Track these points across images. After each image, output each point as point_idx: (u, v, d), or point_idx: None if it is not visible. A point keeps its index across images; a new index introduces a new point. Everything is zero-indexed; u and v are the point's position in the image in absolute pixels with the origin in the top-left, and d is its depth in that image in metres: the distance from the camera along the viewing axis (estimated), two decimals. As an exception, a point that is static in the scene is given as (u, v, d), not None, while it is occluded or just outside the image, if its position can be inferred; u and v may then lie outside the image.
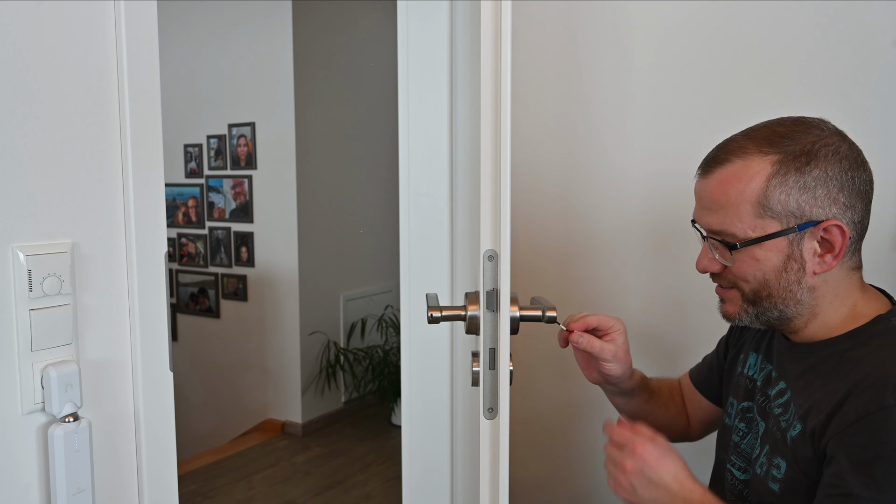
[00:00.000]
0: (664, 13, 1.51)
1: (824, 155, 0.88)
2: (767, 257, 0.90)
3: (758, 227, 0.89)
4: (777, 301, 0.91)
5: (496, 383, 0.81)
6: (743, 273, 0.92)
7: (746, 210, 0.89)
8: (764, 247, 0.89)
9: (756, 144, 0.90)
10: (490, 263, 0.80)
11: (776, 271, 0.90)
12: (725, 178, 0.91)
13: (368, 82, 4.18)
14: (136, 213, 0.86)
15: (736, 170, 0.90)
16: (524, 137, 1.67)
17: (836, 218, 0.87)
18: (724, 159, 0.92)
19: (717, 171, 0.92)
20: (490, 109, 0.78)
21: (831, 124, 0.93)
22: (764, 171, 0.88)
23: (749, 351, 1.09)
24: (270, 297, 4.03)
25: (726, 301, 0.97)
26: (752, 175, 0.88)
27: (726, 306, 0.97)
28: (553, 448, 1.75)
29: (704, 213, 0.94)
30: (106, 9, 0.83)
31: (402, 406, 1.47)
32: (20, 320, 0.78)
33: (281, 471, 3.53)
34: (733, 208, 0.90)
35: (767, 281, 0.90)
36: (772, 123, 0.93)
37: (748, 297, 0.93)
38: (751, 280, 0.92)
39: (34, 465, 0.80)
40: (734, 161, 0.90)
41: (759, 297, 0.92)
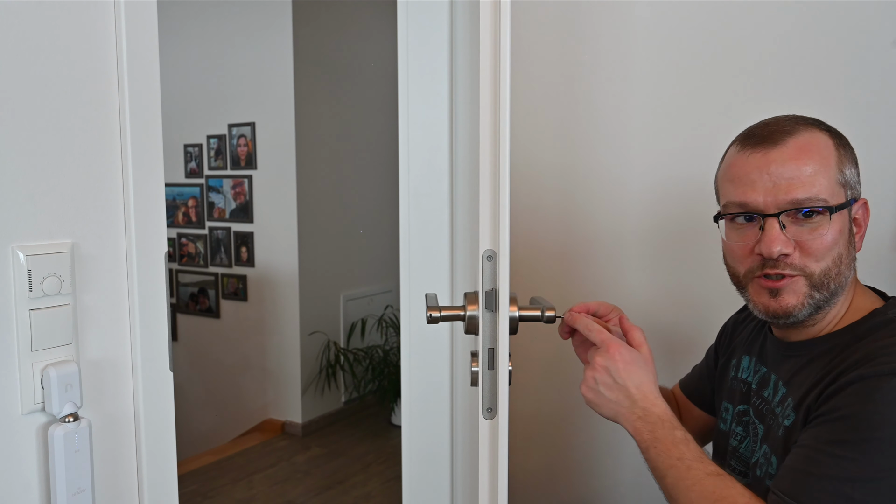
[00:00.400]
0: (664, 14, 1.51)
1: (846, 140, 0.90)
2: (842, 230, 0.87)
3: (836, 195, 0.86)
4: (841, 281, 0.88)
5: (495, 383, 0.81)
6: (823, 247, 0.86)
7: (832, 177, 0.86)
8: (844, 217, 0.87)
9: (801, 122, 0.89)
10: (489, 263, 0.80)
11: (846, 245, 0.88)
12: (804, 145, 0.86)
13: (368, 82, 4.18)
14: (136, 213, 0.86)
15: (810, 139, 0.87)
16: (524, 137, 1.67)
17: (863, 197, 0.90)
18: (791, 130, 0.87)
19: (791, 141, 0.86)
20: (489, 109, 0.78)
21: None
22: (830, 141, 0.87)
23: (741, 355, 1.08)
24: (270, 297, 4.03)
25: (786, 292, 0.88)
26: (826, 144, 0.87)
27: (787, 298, 0.88)
28: (552, 448, 1.75)
29: (781, 187, 0.86)
30: (106, 9, 0.83)
31: (402, 406, 1.46)
32: (20, 320, 0.78)
33: (281, 471, 3.53)
34: (822, 174, 0.85)
35: (840, 256, 0.87)
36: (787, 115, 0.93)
37: (816, 280, 0.87)
38: (826, 257, 0.86)
39: (34, 465, 0.80)
40: (802, 132, 0.87)
41: (828, 278, 0.87)
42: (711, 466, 0.85)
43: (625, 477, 1.62)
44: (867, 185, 1.33)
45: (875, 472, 0.75)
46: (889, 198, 1.32)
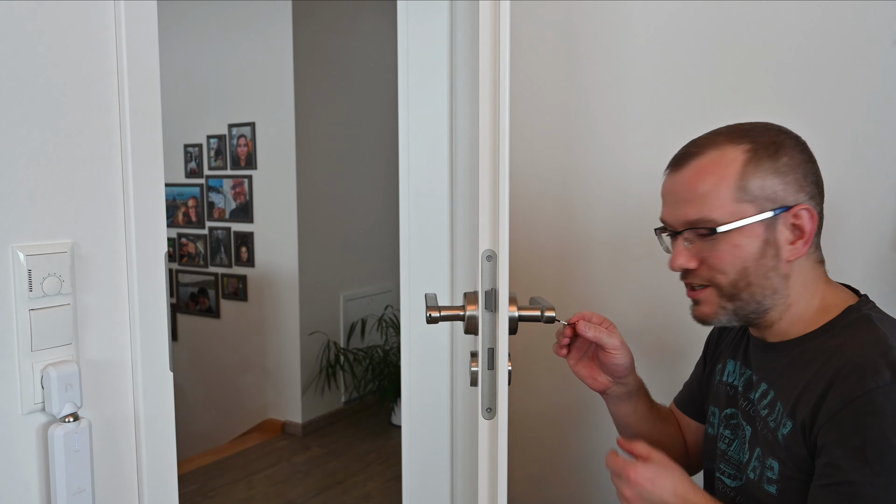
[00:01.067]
0: (663, 14, 1.51)
1: (789, 145, 0.92)
2: (746, 244, 0.90)
3: (737, 213, 0.90)
4: (755, 291, 0.91)
5: (495, 383, 0.81)
6: (722, 262, 0.91)
7: (726, 195, 0.90)
8: (743, 232, 0.90)
9: (726, 137, 0.93)
10: (488, 263, 0.80)
11: (755, 258, 0.91)
12: (702, 167, 0.92)
13: (368, 82, 4.18)
14: (136, 213, 0.86)
15: (712, 158, 0.92)
16: (523, 138, 1.67)
17: (805, 203, 0.91)
18: (696, 152, 0.94)
19: (691, 163, 0.93)
20: (489, 110, 0.78)
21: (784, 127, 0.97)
22: (739, 157, 0.91)
23: (726, 359, 1.09)
24: (270, 297, 4.03)
25: (702, 302, 0.96)
26: (729, 161, 0.91)
27: (702, 308, 0.96)
28: (552, 448, 1.75)
29: (679, 207, 0.94)
30: (106, 9, 0.84)
31: (402, 406, 1.46)
32: (20, 320, 0.78)
33: (281, 471, 3.53)
34: (713, 195, 0.91)
35: (747, 269, 0.91)
36: (732, 124, 0.96)
37: (726, 291, 0.92)
38: (729, 270, 0.91)
39: (34, 465, 0.80)
40: (708, 152, 0.93)
41: (738, 290, 0.92)
42: None
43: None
44: (867, 184, 1.34)
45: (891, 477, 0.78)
46: (889, 198, 1.32)
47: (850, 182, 1.35)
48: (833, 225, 1.38)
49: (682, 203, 0.94)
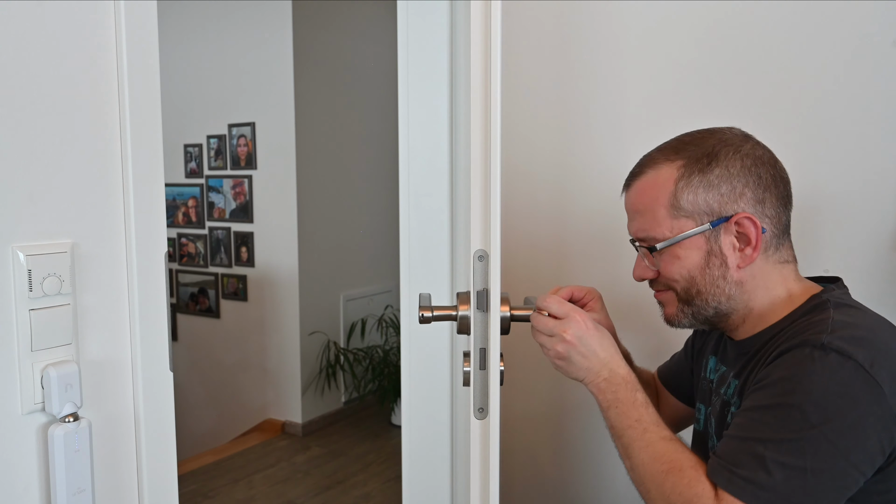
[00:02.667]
0: (660, 12, 1.51)
1: (724, 154, 0.94)
2: (688, 255, 0.95)
3: (675, 228, 0.95)
4: (708, 298, 0.96)
5: (486, 383, 0.81)
6: (670, 273, 0.97)
7: (662, 213, 0.95)
8: (683, 246, 0.95)
9: (664, 154, 0.98)
10: (480, 263, 0.80)
11: (699, 268, 0.95)
12: (641, 187, 0.99)
13: (368, 82, 4.18)
14: (136, 213, 0.86)
15: (648, 179, 0.98)
16: (520, 137, 1.67)
17: (745, 211, 0.92)
18: (638, 172, 1.00)
19: (634, 184, 1.00)
20: (479, 108, 0.78)
21: (738, 129, 0.99)
22: (672, 176, 0.95)
23: (709, 355, 1.12)
24: (270, 297, 4.03)
25: (665, 304, 1.01)
26: (663, 181, 0.96)
27: (666, 309, 1.01)
28: (545, 448, 1.75)
29: (631, 223, 1.01)
30: (106, 9, 0.83)
31: (402, 406, 1.46)
32: (20, 320, 0.78)
33: (281, 471, 3.53)
34: (650, 214, 0.96)
35: (693, 278, 0.95)
36: (681, 135, 1.01)
37: (682, 296, 0.97)
38: (679, 279, 0.96)
39: (34, 465, 0.80)
40: (647, 172, 0.98)
41: (691, 296, 0.96)
42: (666, 431, 0.91)
43: (619, 476, 1.61)
44: (867, 184, 1.34)
45: (786, 433, 0.81)
46: (889, 198, 1.32)
47: (850, 182, 1.36)
48: (833, 225, 1.38)
49: (631, 220, 1.01)
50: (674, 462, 0.87)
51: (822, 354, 0.82)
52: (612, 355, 0.96)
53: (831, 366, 0.82)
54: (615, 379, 0.95)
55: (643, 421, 0.92)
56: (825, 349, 0.82)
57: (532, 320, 0.99)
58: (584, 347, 0.95)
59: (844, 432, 0.80)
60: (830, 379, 0.81)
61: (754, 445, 0.82)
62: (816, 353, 0.83)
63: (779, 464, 0.80)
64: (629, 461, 0.92)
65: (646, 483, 0.88)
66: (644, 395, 0.95)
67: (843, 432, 0.80)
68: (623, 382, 0.95)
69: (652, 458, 0.88)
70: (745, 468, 0.81)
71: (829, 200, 1.38)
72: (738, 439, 0.85)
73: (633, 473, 0.91)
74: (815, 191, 1.39)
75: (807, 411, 0.81)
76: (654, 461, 0.88)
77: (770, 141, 1.48)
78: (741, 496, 0.80)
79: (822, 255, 1.37)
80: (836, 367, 0.81)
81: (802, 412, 0.81)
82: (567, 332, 0.95)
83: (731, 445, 0.85)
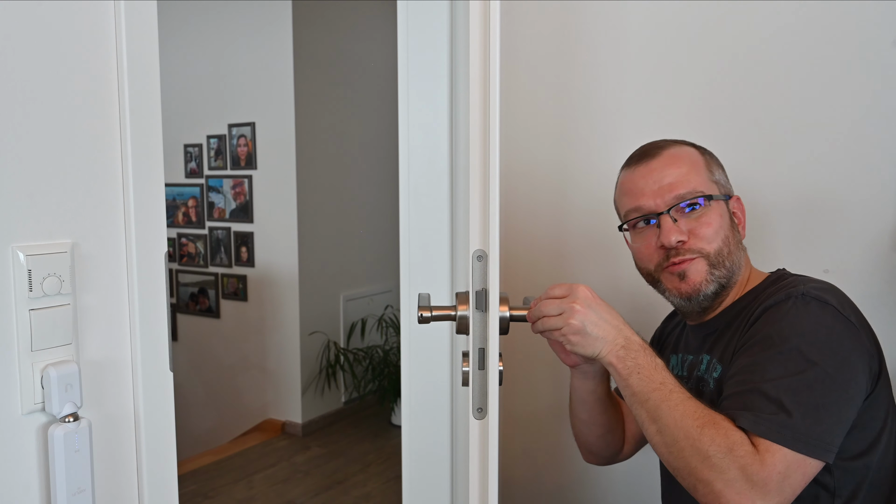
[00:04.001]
0: (660, 12, 1.51)
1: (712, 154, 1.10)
2: (722, 216, 1.04)
3: (711, 188, 1.04)
4: (734, 260, 1.04)
5: (485, 383, 0.81)
6: (710, 230, 1.02)
7: (703, 175, 1.04)
8: (719, 207, 1.04)
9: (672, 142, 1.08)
10: (479, 263, 0.80)
11: (729, 229, 1.04)
12: (674, 155, 1.06)
13: (368, 82, 4.18)
14: (136, 213, 0.86)
15: (679, 150, 1.06)
16: (520, 137, 1.67)
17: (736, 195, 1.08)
18: (663, 145, 1.07)
19: (662, 153, 1.06)
20: (478, 108, 0.78)
21: None
22: (695, 153, 1.07)
23: (669, 355, 1.16)
24: (270, 297, 4.03)
25: (691, 272, 1.03)
26: (691, 153, 1.07)
27: (692, 277, 1.03)
28: (544, 448, 1.75)
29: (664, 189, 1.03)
30: (106, 9, 0.83)
31: (402, 406, 1.46)
32: (20, 320, 0.78)
33: (281, 471, 3.53)
34: (694, 173, 1.04)
35: (727, 237, 1.03)
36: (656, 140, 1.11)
37: (713, 259, 1.02)
38: (714, 239, 1.02)
39: (34, 465, 0.80)
40: (672, 147, 1.07)
41: (722, 257, 1.03)
42: (686, 391, 0.94)
43: (617, 477, 1.62)
44: (867, 184, 1.34)
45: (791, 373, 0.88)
46: (889, 198, 1.32)
47: (850, 182, 1.36)
48: (833, 225, 1.38)
49: (667, 184, 1.03)
50: (706, 417, 0.88)
51: (804, 302, 0.93)
52: (622, 322, 0.97)
53: (814, 311, 0.92)
54: (632, 346, 0.95)
55: (667, 383, 0.93)
56: (805, 297, 0.93)
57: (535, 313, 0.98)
58: (595, 315, 0.95)
59: (840, 367, 0.89)
60: (817, 322, 0.92)
61: (766, 389, 0.88)
62: (799, 301, 0.93)
63: (795, 403, 0.86)
64: (656, 424, 0.91)
65: (679, 442, 0.88)
66: (661, 360, 0.96)
67: (839, 367, 0.89)
68: (640, 348, 0.95)
69: (683, 416, 0.89)
70: (766, 411, 0.87)
71: (828, 200, 1.38)
72: (749, 391, 0.90)
73: (662, 435, 0.91)
74: (814, 191, 1.39)
75: (805, 351, 0.89)
76: (686, 418, 0.89)
77: (770, 140, 1.49)
78: (770, 436, 0.85)
79: (822, 255, 1.37)
80: (818, 312, 0.92)
81: (801, 352, 0.89)
82: (576, 302, 0.95)
83: (746, 398, 0.90)
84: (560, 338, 0.96)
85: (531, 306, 1.00)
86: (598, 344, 0.95)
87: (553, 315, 0.96)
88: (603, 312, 0.96)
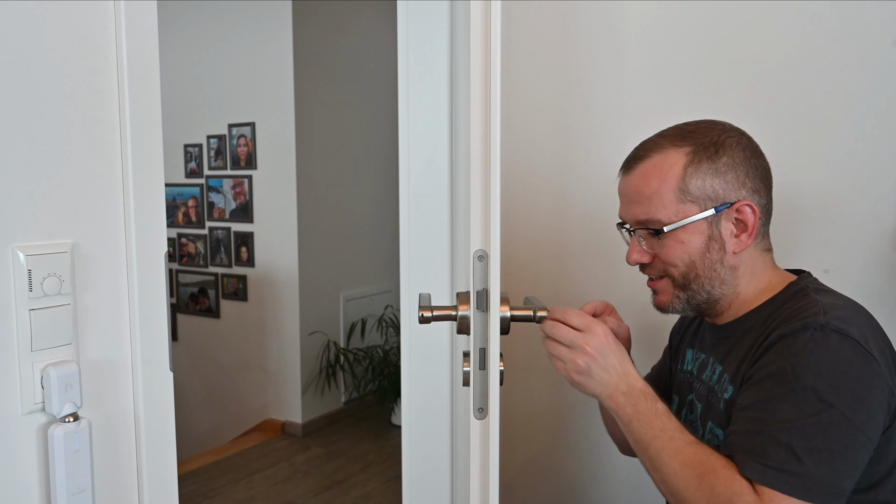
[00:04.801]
0: (661, 12, 1.51)
1: (730, 145, 0.97)
2: (691, 240, 0.97)
3: (680, 212, 0.97)
4: (704, 282, 0.98)
5: (486, 383, 0.81)
6: (671, 257, 0.98)
7: (669, 197, 0.97)
8: (687, 230, 0.97)
9: (670, 140, 0.99)
10: (480, 263, 0.80)
11: (700, 252, 0.97)
12: (647, 170, 0.99)
13: (368, 82, 4.18)
14: (136, 213, 0.86)
15: (655, 162, 0.98)
16: (521, 137, 1.67)
17: (746, 199, 0.96)
18: (643, 156, 1.00)
19: (638, 167, 1.00)
20: (479, 108, 0.78)
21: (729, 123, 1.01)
22: (680, 161, 0.97)
23: (686, 349, 1.14)
24: (270, 297, 4.03)
25: (659, 292, 1.03)
26: (671, 165, 0.97)
27: (659, 297, 1.03)
28: (544, 448, 1.75)
29: (630, 207, 1.01)
30: (106, 9, 0.83)
31: (402, 406, 1.46)
32: (20, 320, 0.78)
33: (281, 471, 3.53)
34: (657, 197, 0.97)
35: (694, 262, 0.98)
36: (680, 124, 1.02)
37: (678, 282, 0.99)
38: (679, 264, 0.98)
39: (34, 465, 0.80)
40: (652, 156, 0.99)
41: (689, 280, 0.99)
42: (690, 436, 0.92)
43: (618, 477, 1.62)
44: (867, 184, 1.34)
45: (805, 416, 0.84)
46: (889, 198, 1.32)
47: (850, 182, 1.36)
48: (833, 224, 1.38)
49: (633, 204, 1.00)
50: (706, 464, 0.87)
51: (823, 335, 0.86)
52: (629, 369, 0.95)
53: (833, 345, 0.85)
54: (633, 392, 0.94)
55: (668, 430, 0.91)
56: (825, 330, 0.86)
57: (547, 329, 0.97)
58: (604, 361, 0.94)
59: (857, 407, 0.84)
60: (835, 357, 0.85)
61: (778, 434, 0.84)
62: (818, 334, 0.86)
63: (806, 449, 0.82)
64: (659, 473, 0.90)
65: (681, 491, 0.87)
66: (664, 405, 0.94)
67: (856, 407, 0.84)
68: (641, 395, 0.94)
69: (683, 465, 0.88)
70: (775, 458, 0.83)
71: (828, 199, 1.38)
72: (760, 433, 0.86)
73: (665, 485, 0.90)
74: (815, 190, 1.39)
75: (820, 391, 0.83)
76: (686, 467, 0.87)
77: (770, 140, 1.48)
78: (777, 486, 0.82)
79: (823, 254, 1.37)
80: (837, 346, 0.85)
81: (816, 392, 0.83)
82: (589, 344, 0.94)
83: (755, 440, 0.86)
84: (562, 370, 0.96)
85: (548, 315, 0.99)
86: (599, 388, 0.95)
87: (562, 344, 0.96)
88: (612, 358, 0.94)
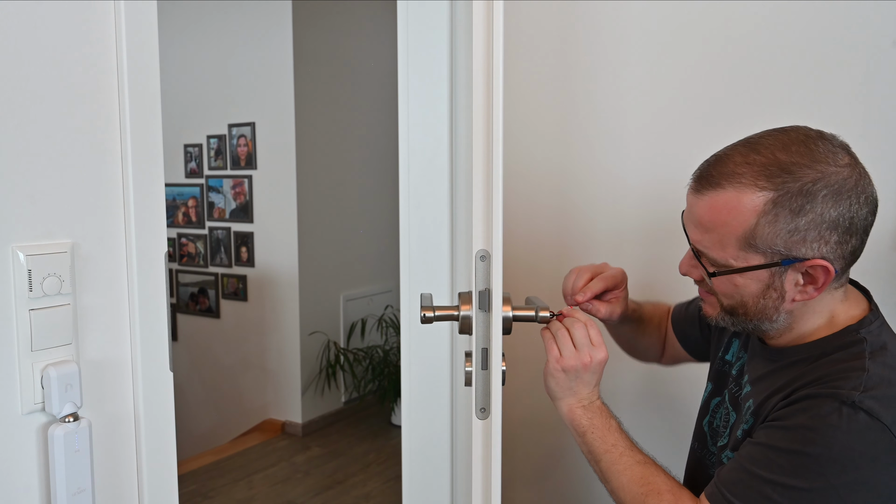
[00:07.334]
0: (661, 14, 1.51)
1: (823, 197, 0.82)
2: (746, 284, 0.89)
3: (740, 258, 0.87)
4: (753, 318, 0.92)
5: (488, 383, 0.81)
6: (721, 291, 0.93)
7: (731, 242, 0.87)
8: (745, 276, 0.88)
9: (753, 175, 0.84)
10: (482, 263, 0.80)
11: (754, 297, 0.90)
12: (716, 204, 0.87)
13: (368, 82, 4.18)
14: (136, 213, 0.86)
15: (728, 198, 0.85)
16: (521, 137, 1.67)
17: (823, 258, 0.84)
18: (717, 183, 0.87)
19: (708, 194, 0.88)
20: (482, 108, 0.78)
21: (840, 142, 0.87)
22: (756, 209, 0.84)
23: (733, 338, 1.10)
24: (270, 297, 4.03)
25: (707, 303, 0.99)
26: (743, 209, 0.84)
27: (707, 307, 0.99)
28: (546, 448, 1.75)
29: (692, 227, 0.92)
30: (106, 9, 0.83)
31: (402, 406, 1.46)
32: (20, 320, 0.78)
33: (281, 471, 3.53)
34: (718, 237, 0.87)
35: (745, 303, 0.91)
36: (776, 145, 0.85)
37: (726, 307, 0.94)
38: (727, 299, 0.93)
39: (34, 465, 0.80)
40: (727, 188, 0.86)
41: (735, 313, 0.93)
42: (640, 455, 0.96)
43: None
44: (867, 185, 1.33)
45: (799, 482, 0.81)
46: (889, 198, 1.32)
47: (850, 182, 1.35)
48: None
49: (694, 226, 0.91)
50: (651, 485, 0.92)
51: (851, 412, 0.80)
52: (594, 387, 1.01)
53: (858, 425, 0.79)
54: (592, 407, 1.00)
55: (619, 446, 0.97)
56: (855, 408, 0.80)
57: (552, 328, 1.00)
58: (590, 376, 0.99)
59: (857, 488, 0.80)
60: (856, 438, 0.80)
61: (763, 485, 0.83)
62: (845, 409, 0.80)
63: None
64: (609, 484, 0.97)
65: None
66: (618, 422, 1.00)
67: (856, 488, 0.80)
68: (599, 410, 1.00)
69: (630, 482, 0.94)
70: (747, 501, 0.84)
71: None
72: (748, 473, 0.85)
73: (615, 496, 0.96)
74: (815, 191, 1.38)
75: (824, 465, 0.80)
76: (633, 484, 0.93)
77: (770, 141, 1.48)
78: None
79: (822, 255, 1.37)
80: (862, 428, 0.79)
81: (819, 465, 0.80)
82: (580, 362, 0.97)
83: (739, 476, 0.86)
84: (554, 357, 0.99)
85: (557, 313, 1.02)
86: (567, 394, 1.00)
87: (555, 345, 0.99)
88: (591, 378, 0.99)
